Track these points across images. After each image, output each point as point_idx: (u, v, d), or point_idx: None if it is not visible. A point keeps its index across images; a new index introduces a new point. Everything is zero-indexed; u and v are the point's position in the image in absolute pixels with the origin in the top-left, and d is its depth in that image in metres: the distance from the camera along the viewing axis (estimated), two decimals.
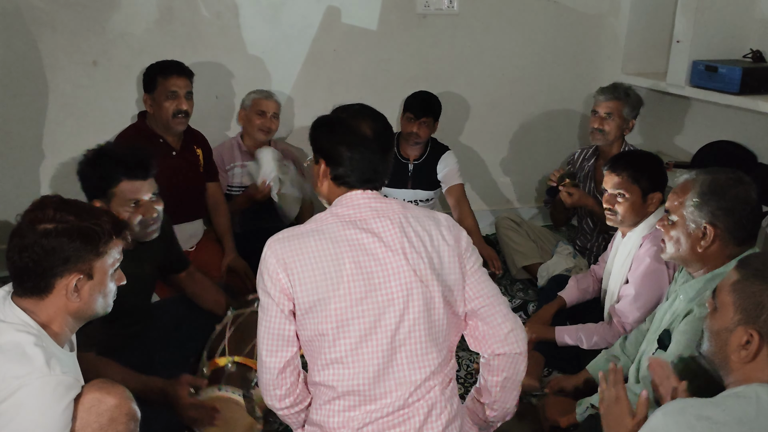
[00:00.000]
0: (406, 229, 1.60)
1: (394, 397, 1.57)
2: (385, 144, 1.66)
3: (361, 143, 1.62)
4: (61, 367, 1.46)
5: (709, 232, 1.80)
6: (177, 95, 2.82)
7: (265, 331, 1.59)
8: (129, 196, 2.09)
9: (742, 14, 3.35)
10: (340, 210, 1.61)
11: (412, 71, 3.63)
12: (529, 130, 3.99)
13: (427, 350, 1.58)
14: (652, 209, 2.38)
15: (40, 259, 1.48)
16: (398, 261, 1.57)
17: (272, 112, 3.22)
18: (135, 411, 1.55)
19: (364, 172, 1.63)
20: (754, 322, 1.34)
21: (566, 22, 3.81)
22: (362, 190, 1.63)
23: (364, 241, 1.56)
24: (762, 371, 1.33)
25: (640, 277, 2.34)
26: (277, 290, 1.55)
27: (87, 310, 1.58)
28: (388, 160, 1.67)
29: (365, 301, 1.55)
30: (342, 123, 1.67)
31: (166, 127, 2.87)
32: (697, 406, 1.29)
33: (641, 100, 3.10)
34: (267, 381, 1.62)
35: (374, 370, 1.56)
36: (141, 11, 3.15)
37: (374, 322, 1.55)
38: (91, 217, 1.56)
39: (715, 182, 1.80)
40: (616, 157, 2.52)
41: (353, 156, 1.62)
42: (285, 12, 3.34)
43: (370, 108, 1.73)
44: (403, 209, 1.64)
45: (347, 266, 1.54)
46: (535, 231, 3.41)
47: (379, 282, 1.55)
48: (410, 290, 1.56)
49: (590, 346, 2.43)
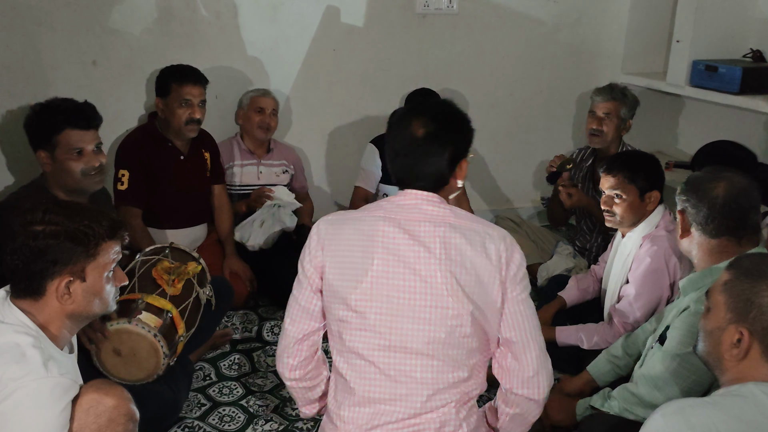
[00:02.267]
0: (448, 239, 1.54)
1: (405, 405, 1.55)
2: (428, 147, 1.57)
3: (400, 143, 1.59)
4: (58, 368, 1.46)
5: (680, 218, 1.91)
6: (191, 104, 2.81)
7: (294, 300, 1.66)
8: (73, 145, 2.23)
9: (742, 14, 3.34)
10: (390, 205, 1.60)
11: (412, 71, 3.62)
12: (529, 130, 3.98)
13: (444, 365, 1.55)
14: (650, 208, 2.38)
15: (29, 261, 1.48)
16: (430, 270, 1.53)
17: (271, 109, 3.22)
18: (134, 412, 1.54)
19: (398, 172, 1.62)
20: (744, 320, 1.36)
21: (566, 22, 3.80)
22: (417, 189, 1.59)
23: (400, 243, 1.55)
24: (755, 370, 1.35)
25: (640, 276, 2.33)
26: (312, 266, 1.61)
27: (83, 312, 1.57)
28: (435, 161, 1.58)
29: (386, 302, 1.54)
30: (398, 119, 1.64)
31: (177, 133, 2.87)
32: (695, 405, 1.30)
33: (637, 100, 3.10)
34: (283, 347, 1.68)
35: (387, 371, 1.55)
36: (140, 11, 3.14)
37: (392, 325, 1.54)
38: (83, 218, 1.54)
39: (696, 176, 1.91)
40: (612, 158, 2.52)
41: (391, 155, 1.62)
42: (284, 11, 3.34)
43: (435, 106, 1.68)
44: (454, 217, 1.57)
45: (375, 263, 1.54)
46: (534, 231, 3.41)
47: (405, 286, 1.53)
48: (436, 302, 1.53)
49: (590, 346, 2.43)
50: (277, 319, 2.95)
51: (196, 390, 2.48)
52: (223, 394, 2.48)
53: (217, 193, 3.10)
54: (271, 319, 2.96)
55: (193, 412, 2.37)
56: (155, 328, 2.00)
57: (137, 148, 2.83)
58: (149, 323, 2.00)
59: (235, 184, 3.23)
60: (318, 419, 2.33)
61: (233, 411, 2.39)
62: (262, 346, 2.79)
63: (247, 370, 2.64)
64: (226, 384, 2.54)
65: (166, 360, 2.03)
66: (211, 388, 2.51)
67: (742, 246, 1.83)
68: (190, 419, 2.32)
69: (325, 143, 3.65)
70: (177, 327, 2.11)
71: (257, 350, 2.75)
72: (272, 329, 2.89)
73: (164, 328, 2.04)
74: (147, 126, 2.93)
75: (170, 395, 2.20)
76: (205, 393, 2.48)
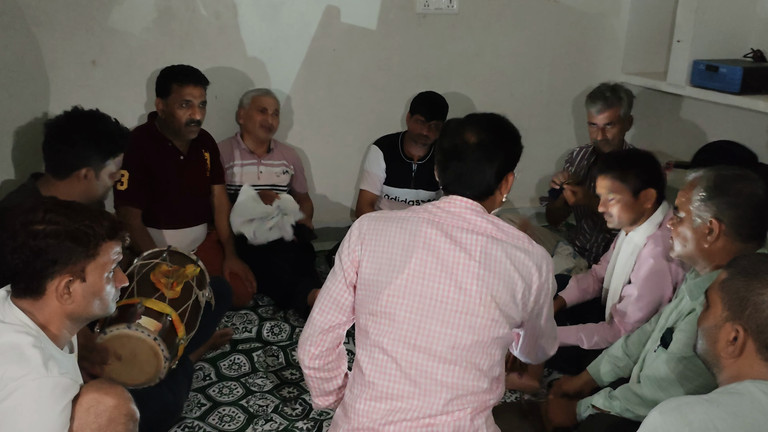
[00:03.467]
0: (489, 250, 1.56)
1: (421, 404, 1.56)
2: (479, 154, 1.61)
3: (452, 149, 1.63)
4: (59, 368, 1.46)
5: (715, 226, 1.80)
6: (191, 105, 2.80)
7: (326, 291, 1.70)
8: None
9: (743, 14, 3.34)
10: (435, 209, 1.63)
11: (412, 71, 3.62)
12: (529, 130, 3.93)
13: (465, 372, 1.57)
14: (648, 206, 2.36)
15: (29, 260, 1.48)
16: (467, 276, 1.55)
17: (273, 108, 3.22)
18: (134, 411, 1.54)
19: (446, 178, 1.64)
20: (740, 317, 1.37)
21: (566, 22, 3.80)
22: (463, 197, 1.62)
23: (441, 246, 1.57)
24: (751, 367, 1.35)
25: (643, 277, 2.33)
26: (350, 260, 1.64)
27: (82, 313, 1.57)
28: (483, 170, 1.62)
29: (418, 301, 1.56)
30: (454, 126, 1.68)
31: (177, 134, 2.86)
32: (692, 403, 1.31)
33: (631, 94, 3.04)
34: (307, 335, 1.72)
35: (407, 369, 1.56)
36: (140, 11, 3.14)
37: (420, 324, 1.56)
38: (84, 218, 1.54)
39: (721, 177, 1.82)
40: (605, 159, 2.51)
41: (441, 161, 1.65)
42: (284, 11, 3.34)
43: (490, 117, 1.72)
44: (495, 230, 1.59)
45: (413, 261, 1.57)
46: (534, 231, 3.40)
47: (439, 288, 1.56)
48: (468, 308, 1.55)
49: (591, 346, 2.43)
50: (277, 319, 2.95)
51: (196, 390, 2.48)
52: (223, 394, 2.48)
53: (217, 193, 3.10)
54: (271, 319, 2.96)
55: (193, 412, 2.37)
56: (155, 332, 2.00)
57: (137, 148, 2.80)
58: (149, 327, 2.00)
59: (235, 184, 3.23)
60: (319, 419, 2.33)
61: (233, 411, 2.39)
62: (262, 346, 2.79)
63: (247, 370, 2.63)
64: (226, 384, 2.54)
65: (167, 363, 2.03)
66: (211, 388, 2.51)
67: (750, 248, 1.80)
68: (190, 419, 2.32)
69: (324, 143, 3.65)
70: (177, 330, 2.11)
71: (257, 350, 2.75)
72: (272, 329, 2.89)
73: (164, 332, 2.04)
74: (146, 126, 2.92)
75: (170, 397, 2.20)
76: (205, 393, 2.48)
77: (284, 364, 2.68)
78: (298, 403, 2.44)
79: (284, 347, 2.78)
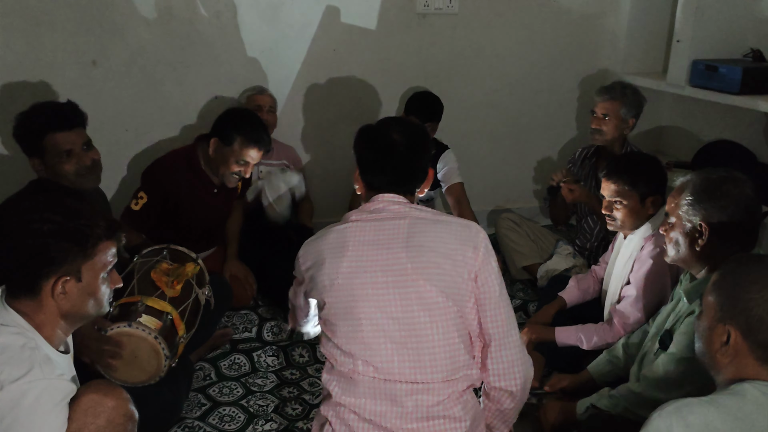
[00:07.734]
0: (412, 233, 1.66)
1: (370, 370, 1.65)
2: (404, 151, 1.73)
3: (380, 149, 1.75)
4: (55, 369, 1.46)
5: (704, 229, 1.80)
6: (247, 165, 2.70)
7: None
8: (60, 148, 2.23)
9: (743, 13, 3.34)
10: (364, 208, 1.75)
11: (412, 71, 3.62)
12: (529, 130, 3.98)
13: (404, 353, 1.63)
14: (652, 211, 2.37)
15: (26, 259, 1.48)
16: (398, 261, 1.64)
17: (268, 106, 3.22)
18: (133, 412, 1.54)
19: (376, 176, 1.75)
20: (731, 317, 1.37)
21: (566, 22, 3.80)
22: (387, 192, 1.74)
23: (369, 237, 1.68)
24: (746, 368, 1.36)
25: (642, 278, 2.33)
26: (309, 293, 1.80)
27: (77, 313, 1.57)
28: (407, 165, 1.75)
29: (353, 286, 1.66)
30: (369, 130, 1.81)
31: (218, 176, 2.76)
32: (692, 405, 1.31)
33: (642, 99, 3.05)
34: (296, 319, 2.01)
35: (349, 335, 1.67)
36: (139, 10, 3.14)
37: (351, 306, 1.65)
38: (81, 218, 1.53)
39: (708, 180, 1.82)
40: (612, 163, 2.49)
41: (370, 161, 1.76)
42: (284, 11, 3.34)
43: (403, 119, 1.90)
44: (418, 212, 1.71)
45: (349, 251, 1.67)
46: (534, 231, 3.41)
47: (372, 273, 1.64)
48: (398, 289, 1.63)
49: (590, 347, 2.43)
50: (277, 319, 2.95)
51: (196, 390, 2.48)
52: (223, 394, 2.48)
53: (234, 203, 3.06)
54: (271, 319, 2.96)
55: (193, 412, 2.37)
56: (156, 330, 2.00)
57: (167, 174, 2.69)
58: (150, 325, 2.00)
59: None
60: None
61: (233, 411, 2.39)
62: (262, 346, 2.79)
63: (247, 370, 2.64)
64: (226, 384, 2.54)
65: (168, 362, 2.04)
66: (211, 388, 2.51)
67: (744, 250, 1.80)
68: (190, 419, 2.32)
69: (324, 143, 3.65)
70: (177, 328, 2.12)
71: (257, 350, 2.75)
72: (272, 329, 2.89)
73: (165, 330, 2.04)
74: (188, 150, 2.79)
75: (170, 396, 2.20)
76: (205, 393, 2.48)
77: (284, 364, 2.69)
78: (298, 403, 2.44)
79: (284, 347, 2.78)
